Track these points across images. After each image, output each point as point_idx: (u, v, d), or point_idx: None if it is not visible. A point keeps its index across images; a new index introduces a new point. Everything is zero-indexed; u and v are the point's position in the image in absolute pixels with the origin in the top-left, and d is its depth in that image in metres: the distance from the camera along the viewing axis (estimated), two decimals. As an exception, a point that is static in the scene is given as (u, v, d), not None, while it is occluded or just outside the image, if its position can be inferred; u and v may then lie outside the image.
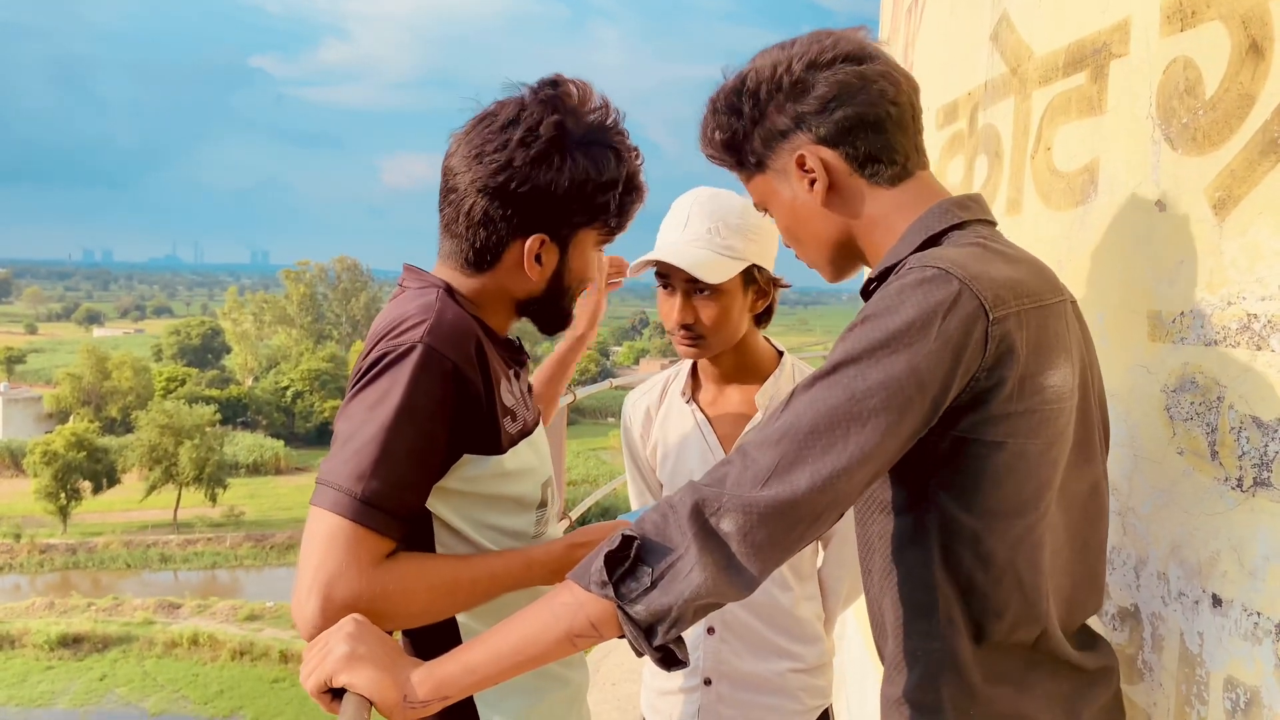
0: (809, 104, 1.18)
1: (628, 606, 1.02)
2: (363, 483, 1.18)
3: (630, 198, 1.41)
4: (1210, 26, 1.22)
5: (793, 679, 1.93)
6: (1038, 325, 1.07)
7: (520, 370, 1.47)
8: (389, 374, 1.22)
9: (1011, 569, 1.11)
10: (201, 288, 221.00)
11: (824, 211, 1.22)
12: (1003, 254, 1.12)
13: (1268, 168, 1.12)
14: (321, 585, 1.16)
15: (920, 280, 1.04)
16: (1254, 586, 1.13)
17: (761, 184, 1.27)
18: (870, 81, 1.17)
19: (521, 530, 1.40)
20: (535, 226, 1.34)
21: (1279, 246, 1.10)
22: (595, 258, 1.45)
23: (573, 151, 1.32)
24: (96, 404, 60.74)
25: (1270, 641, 1.11)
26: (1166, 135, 1.31)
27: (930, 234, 1.16)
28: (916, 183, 1.21)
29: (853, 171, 1.20)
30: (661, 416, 2.03)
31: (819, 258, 1.28)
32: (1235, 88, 1.17)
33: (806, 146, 1.19)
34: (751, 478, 1.01)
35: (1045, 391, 1.07)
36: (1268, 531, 1.11)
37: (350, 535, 1.18)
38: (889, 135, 1.19)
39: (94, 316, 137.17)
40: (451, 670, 1.07)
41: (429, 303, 1.29)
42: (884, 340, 1.01)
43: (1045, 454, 1.09)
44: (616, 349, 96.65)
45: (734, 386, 1.96)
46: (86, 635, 34.67)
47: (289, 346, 72.32)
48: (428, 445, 1.23)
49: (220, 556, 44.67)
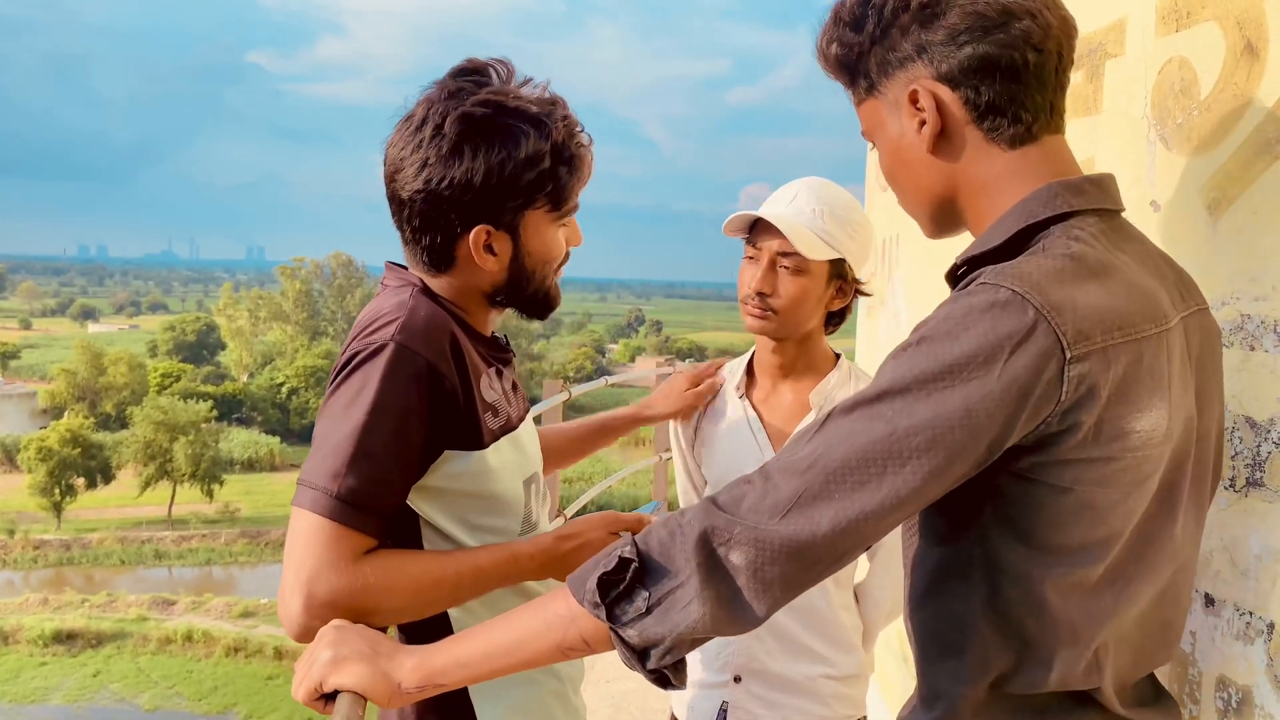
0: (936, 32, 1.02)
1: (620, 630, 0.97)
2: (339, 481, 1.19)
3: (564, 168, 1.34)
4: (1205, 27, 1.22)
5: (825, 685, 1.89)
6: (1129, 362, 0.92)
7: (504, 368, 1.47)
8: (360, 372, 1.22)
9: (1065, 617, 0.98)
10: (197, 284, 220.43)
11: (929, 158, 1.08)
12: (1102, 267, 0.96)
13: (1262, 168, 1.12)
14: (303, 583, 1.17)
15: (990, 304, 0.90)
16: (1246, 586, 1.13)
17: (871, 110, 1.13)
18: (1014, 18, 1.00)
19: (507, 529, 1.40)
20: (473, 219, 1.32)
21: (1273, 247, 1.10)
22: (556, 235, 1.40)
23: (483, 138, 1.29)
24: (91, 400, 60.61)
25: (1262, 641, 1.11)
26: (1162, 135, 1.31)
27: (1031, 221, 1.01)
28: (1040, 150, 1.05)
29: (970, 120, 1.04)
30: (714, 413, 2.01)
31: (916, 208, 1.15)
32: (1230, 88, 1.18)
33: (923, 81, 1.04)
34: (770, 506, 0.92)
35: (1129, 437, 0.93)
36: (1260, 531, 1.11)
37: (329, 533, 1.18)
38: (1021, 86, 1.02)
39: (89, 312, 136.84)
40: (443, 663, 1.06)
41: (403, 300, 1.29)
42: (939, 372, 0.89)
43: (1119, 504, 0.96)
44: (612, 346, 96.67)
45: (788, 384, 1.94)
46: (80, 631, 34.62)
47: (284, 343, 72.20)
48: (403, 442, 1.23)
49: (215, 553, 44.60)
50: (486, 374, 1.38)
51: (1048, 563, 0.97)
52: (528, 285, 1.40)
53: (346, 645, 1.10)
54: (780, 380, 1.94)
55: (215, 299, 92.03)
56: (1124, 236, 1.02)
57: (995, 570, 1.00)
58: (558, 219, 1.38)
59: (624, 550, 0.97)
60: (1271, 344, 1.11)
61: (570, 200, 1.38)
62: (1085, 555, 0.97)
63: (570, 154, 1.34)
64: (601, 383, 5.24)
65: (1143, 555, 1.01)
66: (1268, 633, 1.10)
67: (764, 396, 1.95)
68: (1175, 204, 1.27)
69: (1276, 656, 1.09)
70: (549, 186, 1.33)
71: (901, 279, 2.84)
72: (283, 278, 77.01)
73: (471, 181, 1.29)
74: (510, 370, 1.50)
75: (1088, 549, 0.97)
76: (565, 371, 69.62)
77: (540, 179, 1.31)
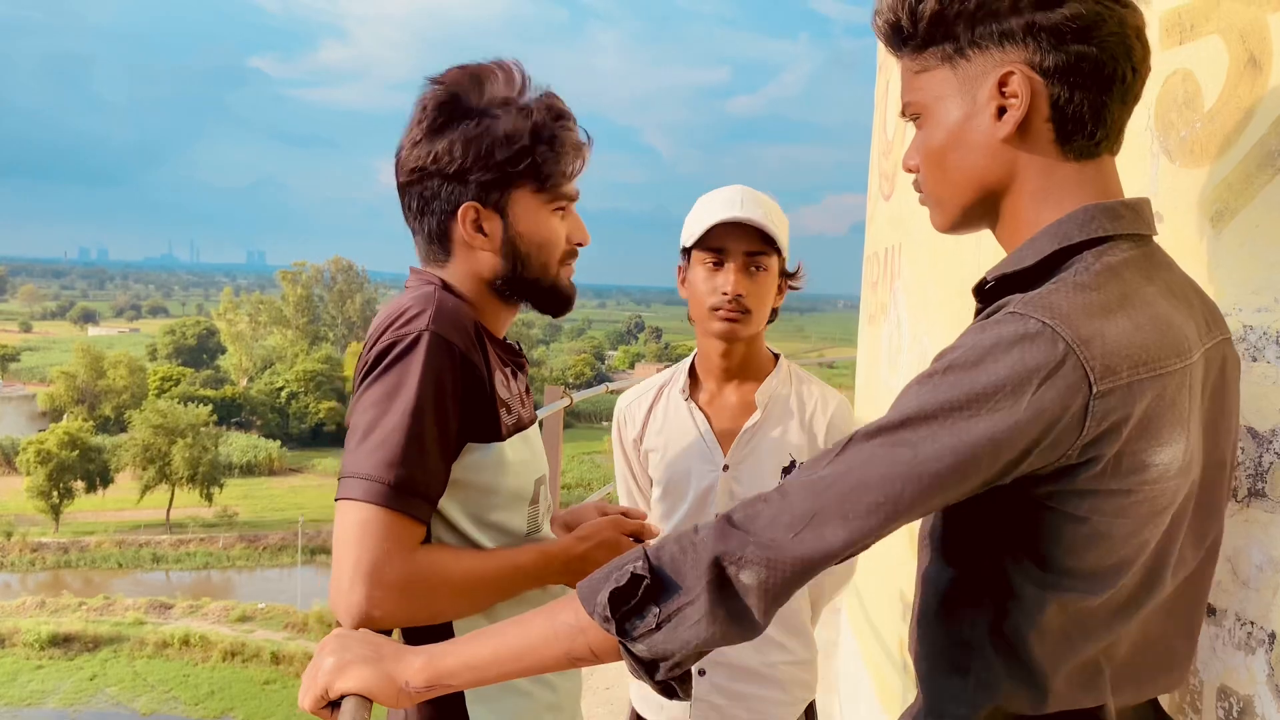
0: (1050, 19, 0.96)
1: (630, 644, 0.97)
2: (394, 470, 1.20)
3: (545, 146, 1.36)
4: (1209, 40, 1.23)
5: (784, 670, 1.98)
6: (1153, 397, 0.91)
7: (518, 371, 1.49)
8: (402, 363, 1.24)
9: (1072, 643, 0.99)
10: (197, 287, 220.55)
11: (997, 147, 1.02)
12: (1131, 299, 0.94)
13: (1264, 181, 1.13)
14: (365, 574, 1.18)
15: (1020, 335, 0.89)
16: (1247, 596, 1.14)
17: (938, 81, 1.05)
18: (1126, 29, 0.97)
19: (516, 528, 1.41)
20: (460, 197, 1.36)
21: (1275, 259, 1.11)
22: (549, 220, 1.41)
23: (463, 114, 1.34)
24: (90, 403, 60.64)
25: (1263, 651, 1.11)
26: (1165, 147, 1.32)
27: (1066, 244, 0.98)
28: (1096, 168, 1.02)
29: (1047, 119, 1.00)
30: (659, 418, 2.05)
31: (952, 195, 1.08)
32: (1234, 101, 1.18)
33: (1020, 66, 0.98)
34: (786, 523, 0.92)
35: (1147, 470, 0.93)
36: (1261, 541, 1.12)
37: (388, 522, 1.19)
38: (1110, 99, 0.99)
39: (89, 315, 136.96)
40: (453, 664, 1.05)
41: (428, 294, 1.32)
42: (965, 401, 0.88)
43: (1134, 535, 0.96)
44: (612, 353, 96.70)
45: (732, 386, 2.00)
46: (77, 635, 34.59)
47: (284, 347, 72.30)
48: (445, 430, 1.26)
49: (213, 557, 44.61)
50: (502, 371, 1.40)
51: (1058, 588, 0.97)
52: (527, 271, 1.41)
53: (350, 651, 1.10)
54: (725, 383, 2.01)
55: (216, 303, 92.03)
56: (1155, 264, 1.01)
57: (1005, 594, 1.00)
58: (549, 202, 1.40)
59: (636, 566, 0.96)
60: (1274, 355, 1.11)
61: (558, 182, 1.39)
62: (1096, 582, 0.97)
63: (552, 134, 1.37)
64: (602, 389, 5.25)
65: (1151, 583, 1.01)
66: (1269, 642, 1.11)
67: (709, 399, 2.02)
68: (1178, 216, 1.28)
69: (1278, 666, 1.09)
70: (528, 163, 1.35)
71: (903, 288, 2.85)
72: (284, 282, 77.10)
73: (452, 156, 1.33)
74: (524, 375, 1.52)
75: (1099, 576, 0.97)
76: (565, 378, 69.64)
77: (518, 155, 1.34)
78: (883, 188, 3.44)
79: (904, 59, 1.09)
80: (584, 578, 1.04)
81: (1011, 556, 0.99)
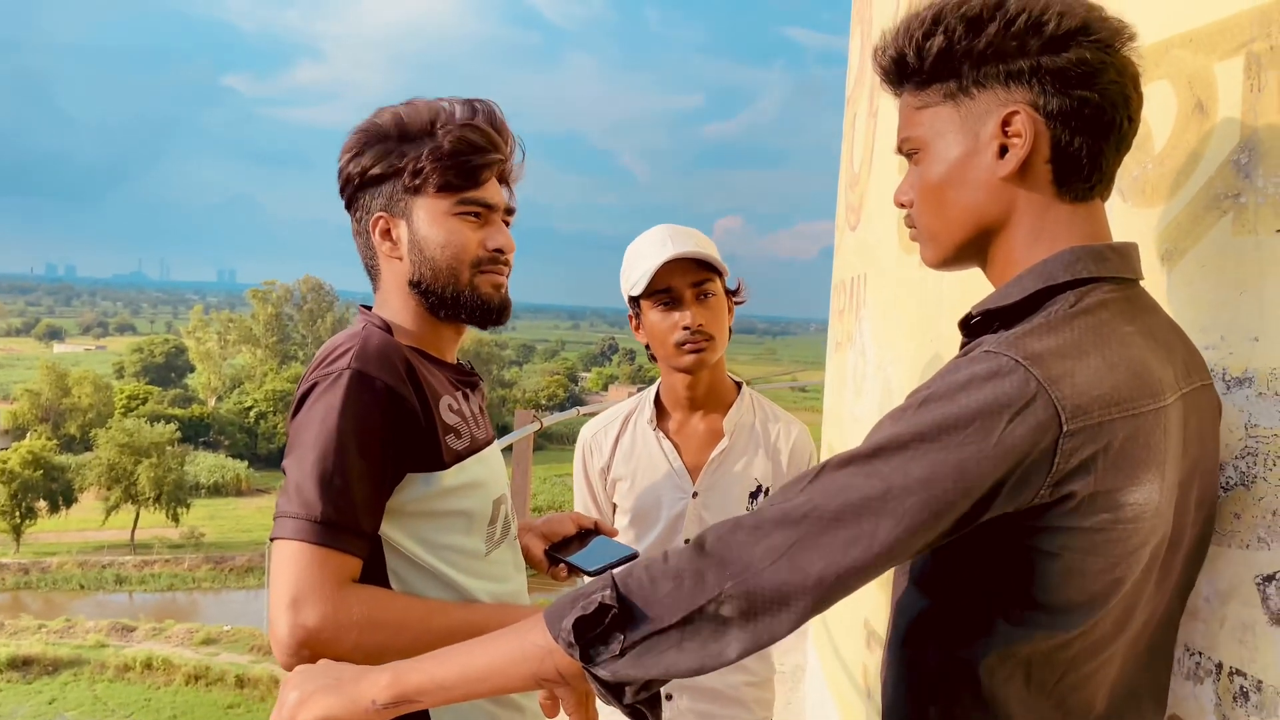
0: (1056, 62, 0.99)
1: (593, 669, 0.97)
2: (318, 506, 1.22)
3: (448, 151, 1.40)
4: (1159, 85, 1.27)
5: (746, 691, 2.06)
6: (1125, 437, 0.93)
7: (470, 391, 1.51)
8: (323, 401, 1.26)
9: (1039, 679, 1.00)
10: (166, 305, 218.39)
11: (997, 185, 1.04)
12: (1107, 340, 0.96)
13: (1211, 222, 1.16)
14: (287, 609, 1.19)
15: (993, 372, 0.91)
16: (1196, 627, 1.16)
17: (940, 118, 1.07)
18: (1125, 79, 1.01)
19: (473, 549, 1.42)
20: (372, 211, 1.44)
21: (1220, 299, 1.15)
22: (455, 225, 1.43)
23: (363, 133, 1.43)
24: (55, 421, 59.70)
25: (1211, 682, 1.14)
26: (1119, 187, 1.35)
27: (1050, 283, 1.01)
28: (1087, 211, 1.05)
29: (1047, 160, 1.02)
30: (626, 447, 2.09)
31: (947, 231, 1.10)
32: (1182, 145, 1.22)
33: (1025, 106, 1.01)
34: (762, 553, 0.92)
35: (1121, 509, 0.94)
36: (1209, 574, 1.14)
37: (311, 557, 1.21)
38: (1107, 145, 1.02)
39: (55, 332, 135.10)
40: (420, 681, 1.05)
41: (356, 332, 1.36)
42: (936, 432, 0.90)
43: (1106, 573, 0.97)
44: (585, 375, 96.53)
45: (698, 415, 2.06)
46: (36, 657, 33.89)
47: (253, 366, 71.61)
48: (372, 464, 1.27)
49: (178, 578, 43.93)
50: (450, 397, 1.41)
51: (1030, 624, 0.99)
52: (438, 278, 1.43)
53: (312, 681, 1.10)
54: (691, 412, 2.07)
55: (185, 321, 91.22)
56: (1137, 308, 1.03)
57: (977, 627, 1.01)
58: (453, 207, 1.42)
59: (604, 595, 0.97)
60: (1220, 391, 1.14)
61: (459, 186, 1.42)
62: (1068, 619, 0.98)
63: (455, 136, 1.40)
64: (574, 413, 5.25)
65: (1123, 623, 1.02)
66: (1216, 673, 1.13)
67: (677, 428, 2.08)
68: (1130, 254, 1.31)
69: (1224, 696, 1.12)
70: (426, 166, 1.40)
71: (868, 317, 2.88)
72: (254, 301, 76.51)
73: (353, 172, 1.43)
74: (477, 395, 1.54)
75: (1071, 612, 0.98)
76: (537, 399, 69.45)
77: (415, 158, 1.40)
78: (849, 218, 3.48)
79: (905, 95, 1.11)
80: None
81: (985, 590, 1.01)
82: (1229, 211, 1.14)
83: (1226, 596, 1.12)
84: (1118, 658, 1.04)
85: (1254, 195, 1.10)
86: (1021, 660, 1.00)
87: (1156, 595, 1.06)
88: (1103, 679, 1.04)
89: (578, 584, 1.60)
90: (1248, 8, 1.12)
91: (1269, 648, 1.06)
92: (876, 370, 2.72)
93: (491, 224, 1.47)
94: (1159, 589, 1.06)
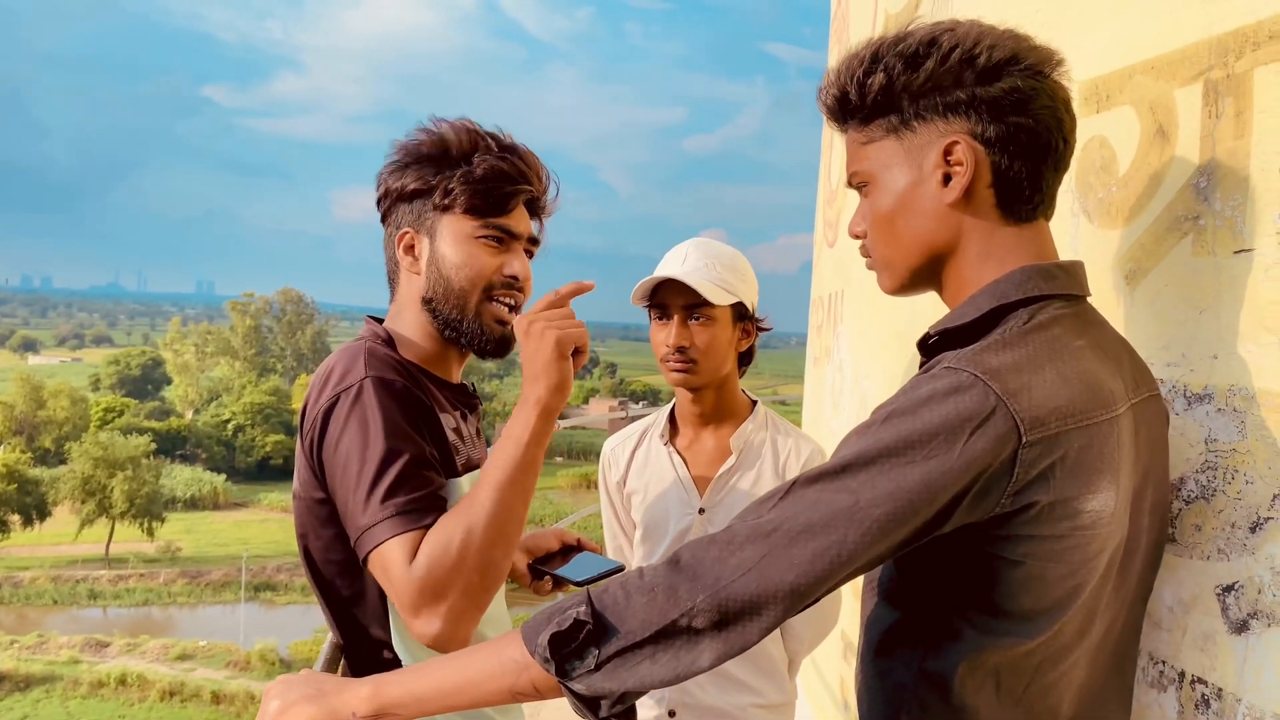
0: (990, 92, 1.04)
1: (569, 683, 0.99)
2: (396, 500, 1.25)
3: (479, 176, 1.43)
4: (1122, 110, 1.31)
5: (755, 714, 2.00)
6: (1080, 447, 0.97)
7: (469, 412, 1.52)
8: (355, 410, 1.28)
9: (1006, 685, 1.03)
10: (144, 317, 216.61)
11: (944, 212, 1.09)
12: (1060, 354, 1.01)
13: (1172, 244, 1.20)
14: (417, 609, 1.22)
15: (953, 388, 0.95)
16: (1160, 636, 1.19)
17: (885, 151, 1.11)
18: (1057, 103, 1.06)
19: None
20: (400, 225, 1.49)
21: (1182, 317, 1.18)
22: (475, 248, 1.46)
23: (401, 151, 1.48)
24: (29, 434, 59.07)
25: (1174, 689, 1.17)
26: (1085, 208, 1.39)
27: (1003, 302, 1.05)
28: (1033, 231, 1.09)
29: (989, 185, 1.07)
30: (640, 461, 2.11)
31: (901, 258, 1.14)
32: (1145, 168, 1.26)
33: (964, 136, 1.06)
34: (733, 567, 0.95)
35: (1079, 517, 0.98)
36: (1172, 584, 1.18)
37: (413, 544, 1.23)
38: (1045, 167, 1.06)
39: (30, 344, 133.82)
40: (397, 694, 1.06)
41: (355, 350, 1.38)
42: (901, 446, 0.94)
43: (1067, 579, 1.00)
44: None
45: (709, 430, 2.06)
46: (8, 674, 33.44)
47: (231, 379, 71.15)
48: (419, 448, 1.30)
49: (153, 593, 43.49)
50: (449, 415, 1.44)
51: (996, 632, 1.02)
52: (448, 299, 1.45)
53: (293, 691, 1.11)
54: (701, 428, 2.07)
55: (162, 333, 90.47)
56: (1086, 323, 1.07)
57: (944, 637, 1.04)
58: (476, 230, 1.45)
59: (579, 611, 0.99)
60: (1182, 407, 1.18)
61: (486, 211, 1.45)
62: (1032, 626, 1.01)
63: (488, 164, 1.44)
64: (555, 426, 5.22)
65: (1084, 628, 1.06)
66: (1179, 681, 1.16)
67: (687, 444, 2.08)
68: (1097, 273, 1.35)
69: (1186, 704, 1.15)
70: (455, 187, 1.43)
71: (846, 333, 2.92)
72: (233, 313, 76.07)
73: (392, 186, 1.48)
74: (476, 417, 1.57)
75: (1034, 619, 1.01)
76: (517, 412, 68.90)
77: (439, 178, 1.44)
78: (827, 235, 3.52)
79: (850, 130, 1.16)
80: None
81: (952, 601, 1.03)
82: (1189, 233, 1.17)
83: (1188, 606, 1.15)
84: (1082, 663, 1.07)
85: (1212, 218, 1.14)
86: (990, 669, 1.02)
87: (1116, 601, 1.09)
88: (1068, 685, 1.06)
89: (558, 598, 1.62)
90: (1205, 37, 1.16)
91: (1229, 656, 1.09)
92: (853, 385, 2.75)
93: (512, 251, 1.48)
94: (1117, 594, 1.09)
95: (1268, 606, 1.05)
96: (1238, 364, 1.10)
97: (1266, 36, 1.08)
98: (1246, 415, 1.09)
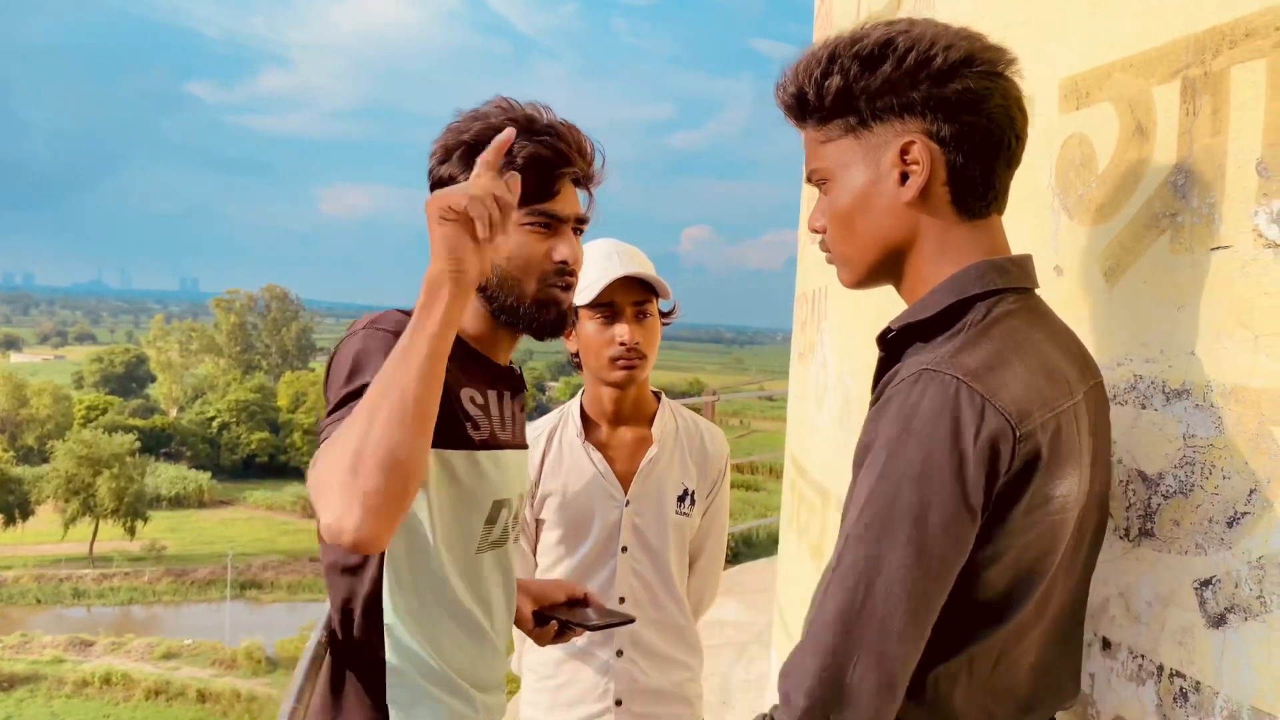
0: (945, 93, 1.06)
1: None
2: (336, 398, 1.27)
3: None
4: (1101, 107, 1.31)
5: (689, 687, 2.15)
6: (1054, 434, 1.01)
7: (510, 393, 1.54)
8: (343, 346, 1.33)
9: (974, 669, 1.06)
10: (127, 314, 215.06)
11: (901, 210, 1.11)
12: (1023, 347, 1.04)
13: (1150, 240, 1.21)
14: (314, 497, 1.19)
15: (944, 402, 0.98)
16: (1139, 631, 1.20)
17: (842, 150, 1.13)
18: (1010, 102, 1.08)
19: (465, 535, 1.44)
20: None
21: (1160, 314, 1.19)
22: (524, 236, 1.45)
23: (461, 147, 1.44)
24: (11, 432, 58.69)
25: (1153, 683, 1.18)
26: (1064, 205, 1.40)
27: (962, 296, 1.08)
28: (987, 226, 1.13)
29: (944, 183, 1.09)
30: (552, 463, 2.13)
31: (859, 255, 1.16)
32: (1123, 165, 1.27)
33: (920, 135, 1.08)
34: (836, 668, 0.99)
35: (1050, 503, 1.02)
36: (1150, 579, 1.19)
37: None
38: (998, 164, 1.10)
39: (12, 342, 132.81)
40: None
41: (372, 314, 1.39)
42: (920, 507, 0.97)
43: (1037, 564, 1.05)
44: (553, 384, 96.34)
45: (625, 426, 2.13)
46: (-8, 674, 33.25)
47: (216, 376, 70.83)
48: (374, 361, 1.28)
49: (138, 592, 43.27)
50: (476, 391, 1.45)
51: (972, 622, 1.04)
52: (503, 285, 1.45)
53: None
54: (616, 424, 2.13)
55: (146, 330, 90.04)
56: (1038, 315, 1.11)
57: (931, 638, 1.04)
58: (522, 218, 1.44)
59: None
60: (1160, 403, 1.19)
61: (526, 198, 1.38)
62: (1003, 612, 1.05)
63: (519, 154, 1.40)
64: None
65: (1042, 609, 1.09)
66: (1158, 674, 1.17)
67: (605, 439, 2.13)
68: (1076, 270, 1.36)
69: (1165, 697, 1.16)
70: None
71: (829, 329, 2.92)
72: (217, 310, 75.72)
73: (442, 174, 1.45)
74: (518, 400, 1.57)
75: (1008, 607, 1.05)
76: (504, 409, 68.88)
77: None
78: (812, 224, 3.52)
79: (808, 130, 1.17)
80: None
81: None
82: (1167, 230, 1.18)
83: (1166, 601, 1.16)
84: (1036, 641, 1.10)
85: (1190, 215, 1.15)
86: (965, 658, 1.05)
87: (1067, 579, 1.13)
88: (1025, 662, 1.10)
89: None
90: (1182, 35, 1.17)
91: (1206, 650, 1.11)
92: (837, 381, 2.76)
93: (560, 234, 1.48)
94: (1068, 574, 1.13)
95: (1245, 600, 1.06)
96: (1215, 360, 1.11)
97: (1243, 35, 1.08)
98: (1224, 411, 1.10)
